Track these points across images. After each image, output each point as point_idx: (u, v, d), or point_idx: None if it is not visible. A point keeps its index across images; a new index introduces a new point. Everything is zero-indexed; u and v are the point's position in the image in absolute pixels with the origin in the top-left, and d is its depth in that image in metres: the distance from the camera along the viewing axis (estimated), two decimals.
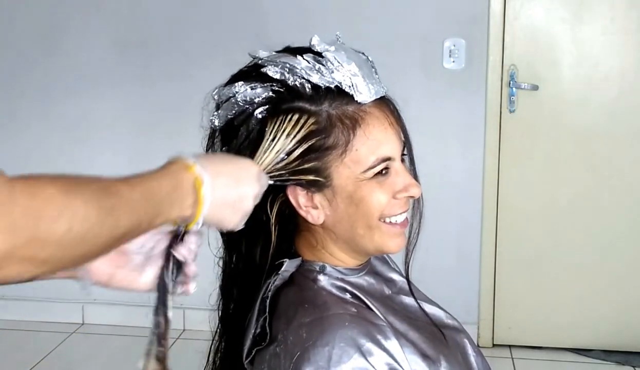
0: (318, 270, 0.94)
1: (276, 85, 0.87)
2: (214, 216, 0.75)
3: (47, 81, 3.14)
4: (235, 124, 0.89)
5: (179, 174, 0.71)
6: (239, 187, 0.77)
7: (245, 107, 0.88)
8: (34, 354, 2.85)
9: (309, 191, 0.90)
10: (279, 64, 0.87)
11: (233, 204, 0.76)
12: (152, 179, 0.69)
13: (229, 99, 0.89)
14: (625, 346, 2.93)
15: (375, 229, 0.91)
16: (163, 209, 0.68)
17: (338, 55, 0.87)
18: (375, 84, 0.90)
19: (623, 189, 2.86)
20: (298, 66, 0.87)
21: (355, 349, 0.83)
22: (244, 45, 2.99)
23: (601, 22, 2.78)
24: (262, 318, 0.91)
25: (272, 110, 0.87)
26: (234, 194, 0.76)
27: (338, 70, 0.87)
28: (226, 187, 0.75)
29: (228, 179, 0.76)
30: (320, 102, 0.87)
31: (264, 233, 0.92)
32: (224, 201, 0.75)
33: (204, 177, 0.72)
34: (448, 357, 0.95)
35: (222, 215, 0.76)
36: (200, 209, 0.72)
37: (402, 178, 0.91)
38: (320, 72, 0.87)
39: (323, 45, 0.88)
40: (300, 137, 0.85)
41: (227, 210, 0.76)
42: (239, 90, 0.88)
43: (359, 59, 0.90)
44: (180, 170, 0.72)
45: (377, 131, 0.88)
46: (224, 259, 0.97)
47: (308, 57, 0.87)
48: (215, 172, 0.74)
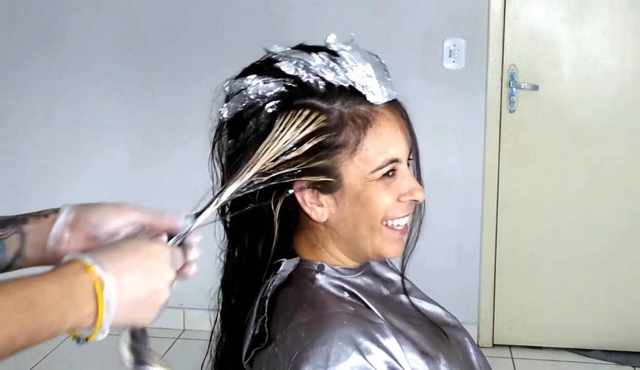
0: (316, 270, 0.94)
1: (289, 80, 0.87)
2: (124, 319, 0.65)
3: (47, 81, 3.14)
4: (244, 117, 0.88)
5: (72, 277, 0.61)
6: (151, 281, 0.66)
7: (256, 101, 0.87)
8: (34, 354, 2.85)
9: (317, 189, 0.89)
10: (294, 60, 0.87)
11: (145, 300, 0.66)
12: (34, 285, 0.58)
13: (240, 92, 0.88)
14: (625, 346, 2.93)
15: (377, 231, 0.91)
16: (49, 320, 0.58)
17: (353, 55, 0.87)
18: (388, 86, 0.90)
19: (623, 188, 2.86)
20: (313, 63, 0.86)
21: (354, 347, 0.83)
22: (244, 44, 3.00)
23: (601, 22, 2.78)
24: (261, 319, 0.91)
25: (283, 105, 0.86)
26: (145, 290, 0.66)
27: (352, 69, 0.87)
28: (134, 285, 0.65)
29: (136, 274, 0.65)
30: (333, 101, 0.87)
31: (267, 228, 0.92)
32: (134, 300, 0.65)
33: (104, 279, 0.62)
34: (448, 354, 0.95)
35: (134, 316, 0.66)
36: (101, 318, 0.61)
37: (408, 182, 0.91)
38: (335, 71, 0.87)
39: (339, 45, 0.88)
40: (310, 131, 0.85)
41: (140, 309, 0.66)
42: (250, 84, 0.87)
43: (373, 60, 0.90)
44: (75, 273, 0.61)
45: (387, 133, 0.88)
46: (226, 253, 0.97)
47: (323, 55, 0.87)
48: (119, 269, 0.63)
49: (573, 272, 2.94)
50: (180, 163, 3.05)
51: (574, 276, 2.94)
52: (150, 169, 3.13)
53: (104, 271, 0.62)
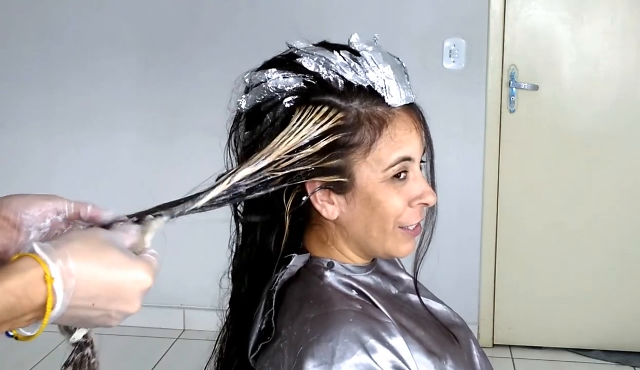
0: (325, 267, 0.94)
1: (309, 77, 0.87)
2: (76, 314, 0.61)
3: (48, 81, 3.14)
4: (262, 109, 0.89)
5: (22, 273, 0.58)
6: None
7: (275, 94, 0.88)
8: (33, 354, 2.85)
9: (329, 188, 0.89)
10: (315, 57, 0.87)
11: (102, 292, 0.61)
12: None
13: (260, 84, 0.89)
14: (625, 346, 2.93)
15: (389, 234, 0.91)
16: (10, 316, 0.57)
17: (375, 55, 0.88)
18: (407, 89, 0.91)
19: (623, 188, 2.86)
20: (333, 61, 0.87)
21: (359, 345, 0.83)
22: (244, 45, 3.00)
23: (601, 22, 2.78)
24: (268, 313, 0.91)
25: (301, 100, 0.86)
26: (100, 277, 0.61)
27: (373, 70, 0.87)
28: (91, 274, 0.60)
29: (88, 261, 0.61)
30: (351, 100, 0.87)
31: (278, 223, 0.92)
32: (93, 289, 0.60)
33: (52, 268, 0.58)
34: (454, 355, 0.95)
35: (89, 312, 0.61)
36: (50, 309, 0.58)
37: (419, 184, 0.92)
38: (355, 70, 0.87)
39: (361, 44, 0.88)
40: (327, 128, 0.85)
41: (102, 301, 0.61)
42: (270, 77, 0.88)
43: (394, 62, 0.90)
44: (26, 268, 0.58)
45: (401, 133, 0.89)
46: (237, 244, 0.97)
47: (344, 54, 0.87)
48: (70, 255, 0.60)
49: (573, 272, 2.94)
50: (180, 163, 3.05)
51: (574, 276, 2.94)
52: (151, 169, 3.13)
53: (52, 260, 0.59)
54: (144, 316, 3.23)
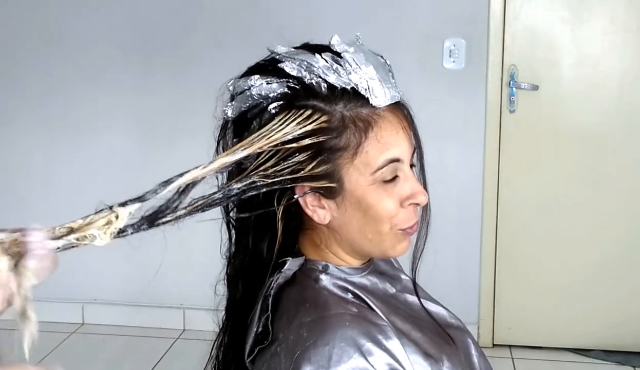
0: (320, 270, 0.94)
1: (292, 81, 0.86)
2: None
3: (48, 82, 3.14)
4: (249, 116, 0.89)
5: None
6: None
7: (260, 101, 0.87)
8: (33, 354, 2.85)
9: (319, 193, 0.89)
10: (297, 61, 0.87)
11: None
12: None
13: (244, 92, 0.88)
14: (625, 346, 2.93)
15: (386, 236, 0.91)
16: None
17: (357, 56, 0.87)
18: (392, 88, 0.89)
19: (623, 188, 2.86)
20: (316, 64, 0.86)
21: (356, 348, 0.83)
22: (244, 45, 3.00)
23: (601, 22, 2.78)
24: (265, 316, 0.91)
25: (285, 106, 0.86)
26: None
27: (355, 72, 0.86)
28: None
29: None
30: (335, 103, 0.86)
31: (271, 228, 0.92)
32: None
33: None
34: (451, 356, 0.94)
35: None
36: None
37: (410, 184, 0.90)
38: (338, 73, 0.86)
39: (342, 46, 0.87)
40: (310, 128, 0.85)
41: None
42: (254, 84, 0.87)
43: (377, 61, 0.89)
44: None
45: (388, 134, 0.88)
46: (231, 251, 0.97)
47: (326, 57, 0.86)
48: None
49: (573, 272, 2.94)
50: (180, 163, 3.04)
51: (574, 276, 2.94)
52: (151, 169, 3.12)
53: None
54: (144, 316, 3.25)
